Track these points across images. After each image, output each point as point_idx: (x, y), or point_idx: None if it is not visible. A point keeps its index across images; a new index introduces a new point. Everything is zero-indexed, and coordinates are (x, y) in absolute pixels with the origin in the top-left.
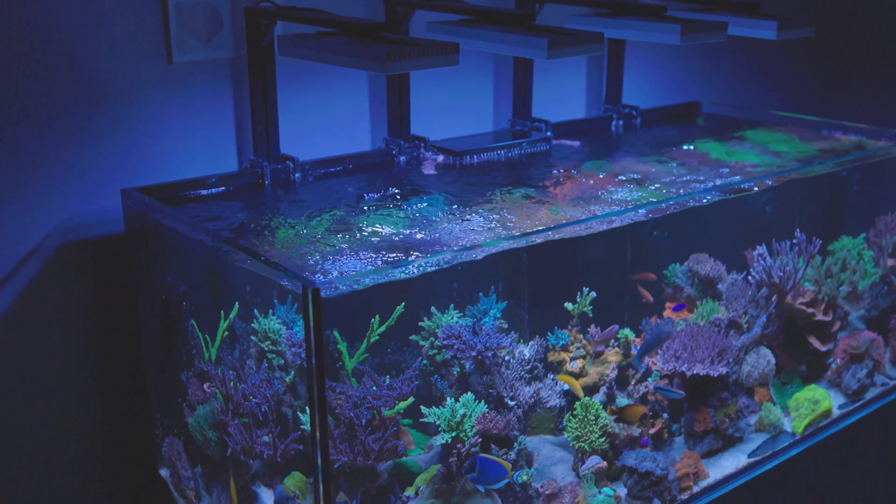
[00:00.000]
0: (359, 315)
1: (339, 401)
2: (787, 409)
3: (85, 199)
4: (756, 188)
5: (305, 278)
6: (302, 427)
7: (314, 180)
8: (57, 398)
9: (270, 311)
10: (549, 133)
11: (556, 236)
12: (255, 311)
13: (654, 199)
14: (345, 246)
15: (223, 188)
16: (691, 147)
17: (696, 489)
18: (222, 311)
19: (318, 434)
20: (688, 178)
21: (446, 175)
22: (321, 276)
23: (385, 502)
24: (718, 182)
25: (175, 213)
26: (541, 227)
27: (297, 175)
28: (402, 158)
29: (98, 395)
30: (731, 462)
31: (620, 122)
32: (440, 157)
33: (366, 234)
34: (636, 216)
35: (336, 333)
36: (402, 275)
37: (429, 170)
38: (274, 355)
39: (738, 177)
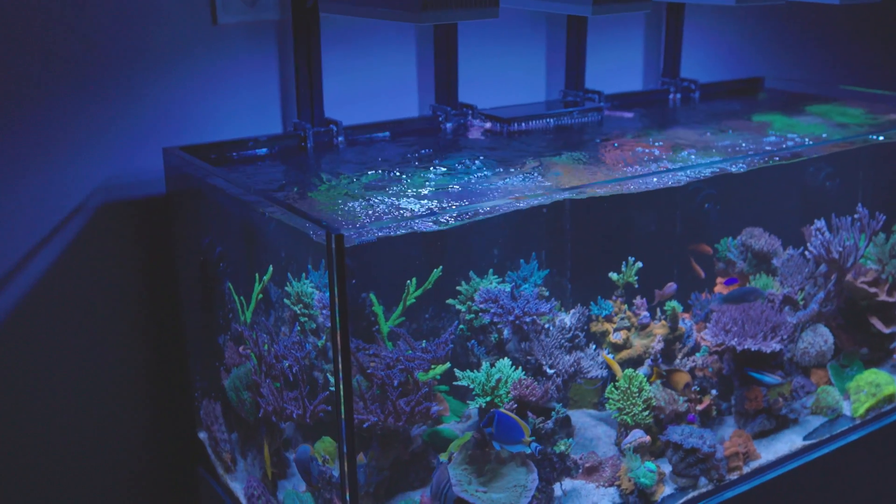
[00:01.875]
0: (395, 277)
1: (372, 362)
2: (847, 393)
3: (127, 159)
4: (807, 156)
5: (329, 225)
6: (331, 388)
7: (357, 144)
8: (98, 357)
9: (304, 275)
10: (601, 103)
11: (600, 192)
12: (289, 274)
13: (700, 162)
14: (384, 200)
15: (265, 150)
16: (752, 119)
17: (746, 470)
18: (256, 274)
19: (341, 381)
20: (745, 146)
21: (493, 141)
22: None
23: (419, 469)
24: (769, 148)
25: (213, 171)
26: (581, 184)
27: (340, 138)
28: (449, 125)
29: (139, 357)
30: (784, 444)
31: (678, 96)
32: (487, 125)
33: (406, 190)
34: (681, 177)
35: (373, 296)
36: (431, 226)
37: (475, 136)
38: (306, 318)
39: (790, 143)
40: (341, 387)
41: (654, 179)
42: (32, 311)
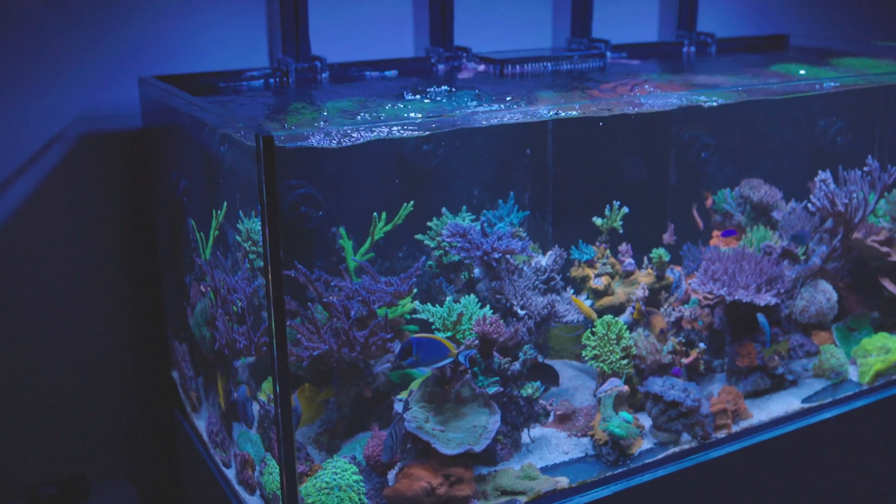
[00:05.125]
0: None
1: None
2: (854, 357)
3: (108, 89)
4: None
5: (259, 127)
6: None
7: (343, 81)
8: (75, 294)
9: (254, 213)
10: (607, 52)
11: (573, 114)
12: (241, 212)
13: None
14: (353, 119)
15: (243, 83)
16: (770, 68)
17: (735, 429)
18: (213, 210)
19: (270, 280)
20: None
21: (483, 81)
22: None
23: (384, 408)
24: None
25: (180, 95)
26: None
27: (324, 75)
28: (441, 67)
29: (116, 295)
30: (780, 405)
31: (692, 49)
32: (481, 67)
33: (380, 115)
34: (672, 102)
35: (342, 230)
36: (368, 134)
37: (467, 76)
38: (255, 256)
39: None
40: (271, 291)
41: (647, 103)
42: (6, 241)
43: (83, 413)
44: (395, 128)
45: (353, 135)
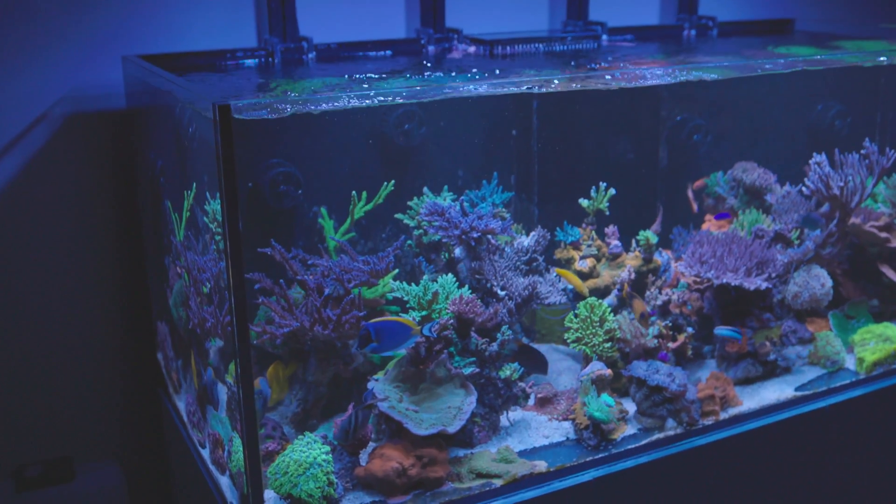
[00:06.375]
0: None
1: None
2: (851, 345)
3: (93, 69)
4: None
5: (217, 97)
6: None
7: (329, 61)
8: (63, 270)
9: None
10: (603, 34)
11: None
12: (207, 193)
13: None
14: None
15: (227, 62)
16: (770, 49)
17: (723, 416)
18: (185, 192)
19: (229, 255)
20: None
21: (472, 62)
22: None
23: (363, 389)
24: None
25: (157, 72)
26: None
27: (311, 55)
28: (431, 48)
29: (104, 276)
30: (772, 393)
31: (693, 32)
32: (472, 48)
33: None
34: (655, 74)
35: (324, 210)
36: (328, 105)
37: (455, 57)
38: (220, 237)
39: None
40: (230, 267)
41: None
42: None
43: (70, 395)
44: (354, 98)
45: (311, 105)
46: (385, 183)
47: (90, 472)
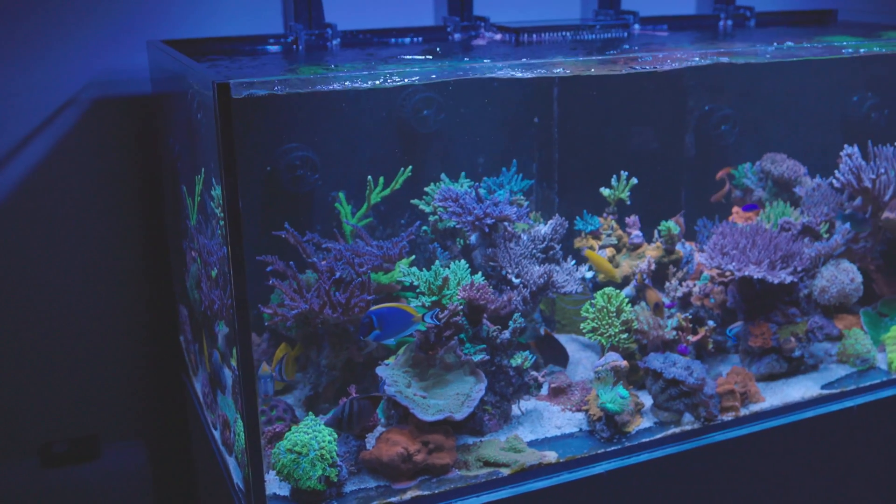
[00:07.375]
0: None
1: (324, 259)
2: (883, 344)
3: (121, 53)
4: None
5: (215, 75)
6: None
7: (353, 47)
8: (90, 252)
9: None
10: (635, 23)
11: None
12: (213, 179)
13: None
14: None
15: (250, 48)
16: (811, 40)
17: (744, 412)
18: (196, 177)
19: (229, 235)
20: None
21: (497, 49)
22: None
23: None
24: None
25: (177, 56)
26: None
27: (335, 42)
28: (458, 36)
29: (128, 259)
30: (796, 391)
31: (729, 22)
32: (498, 36)
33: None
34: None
35: (342, 195)
36: (332, 85)
37: (481, 43)
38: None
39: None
40: (230, 246)
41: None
42: (20, 205)
43: (97, 375)
44: (359, 80)
45: (318, 85)
46: (402, 169)
47: (115, 450)
